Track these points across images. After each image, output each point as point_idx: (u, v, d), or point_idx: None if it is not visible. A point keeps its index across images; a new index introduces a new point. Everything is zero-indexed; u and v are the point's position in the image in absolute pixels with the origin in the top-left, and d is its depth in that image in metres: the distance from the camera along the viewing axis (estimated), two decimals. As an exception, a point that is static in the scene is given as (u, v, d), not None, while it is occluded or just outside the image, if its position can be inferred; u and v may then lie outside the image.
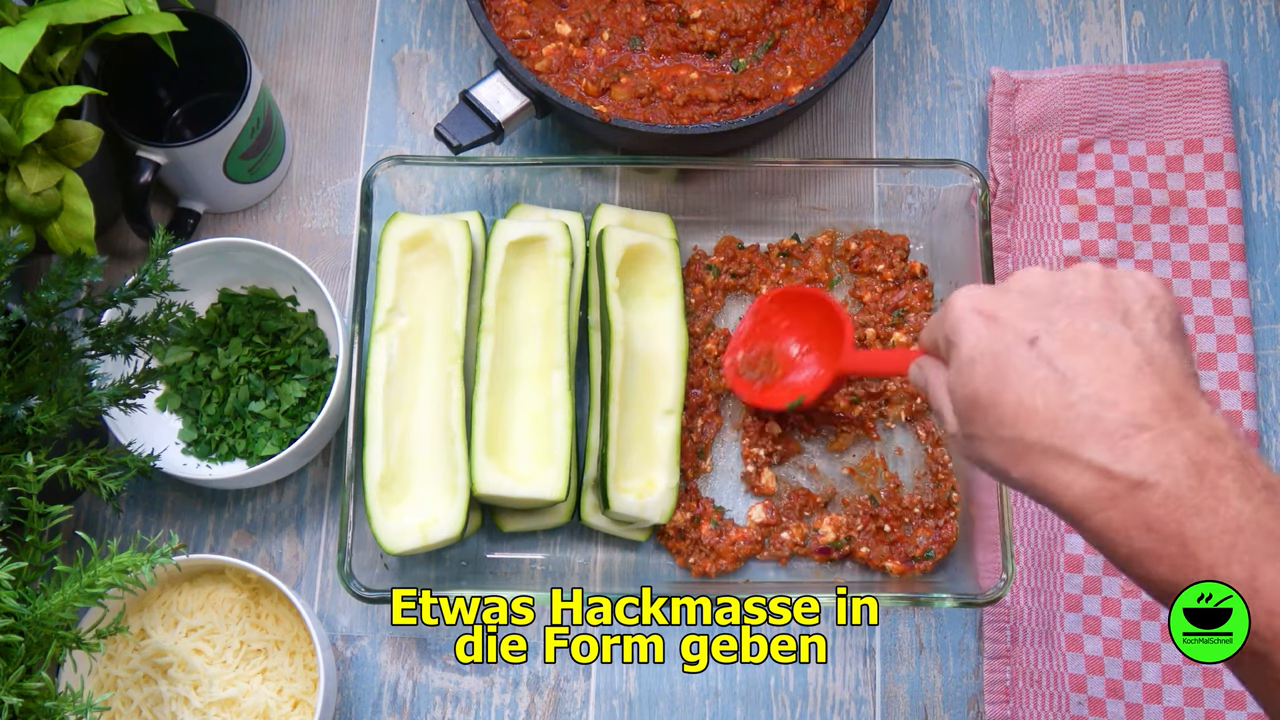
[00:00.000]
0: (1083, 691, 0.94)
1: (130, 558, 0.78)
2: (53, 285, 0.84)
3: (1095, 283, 0.63)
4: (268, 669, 0.90)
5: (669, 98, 0.99)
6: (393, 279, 0.96)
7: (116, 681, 0.90)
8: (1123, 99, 1.06)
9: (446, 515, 0.91)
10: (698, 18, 1.01)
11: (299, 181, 1.08)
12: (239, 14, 1.11)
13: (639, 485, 0.95)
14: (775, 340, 0.98)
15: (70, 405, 0.83)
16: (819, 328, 0.96)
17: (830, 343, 0.94)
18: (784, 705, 0.96)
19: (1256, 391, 1.00)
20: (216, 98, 1.01)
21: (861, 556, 0.96)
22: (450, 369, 0.94)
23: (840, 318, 0.93)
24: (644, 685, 0.96)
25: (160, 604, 0.91)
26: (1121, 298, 0.62)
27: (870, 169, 1.04)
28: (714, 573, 0.96)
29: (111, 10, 0.87)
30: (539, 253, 0.98)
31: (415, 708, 0.96)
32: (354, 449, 0.91)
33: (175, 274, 0.89)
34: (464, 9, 1.11)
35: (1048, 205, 1.04)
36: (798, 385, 0.95)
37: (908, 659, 0.97)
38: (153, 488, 1.00)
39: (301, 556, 0.99)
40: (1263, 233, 1.05)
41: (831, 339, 0.94)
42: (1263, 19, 1.10)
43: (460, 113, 0.96)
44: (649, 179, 1.02)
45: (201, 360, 0.99)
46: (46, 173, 0.87)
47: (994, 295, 0.65)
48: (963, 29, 1.11)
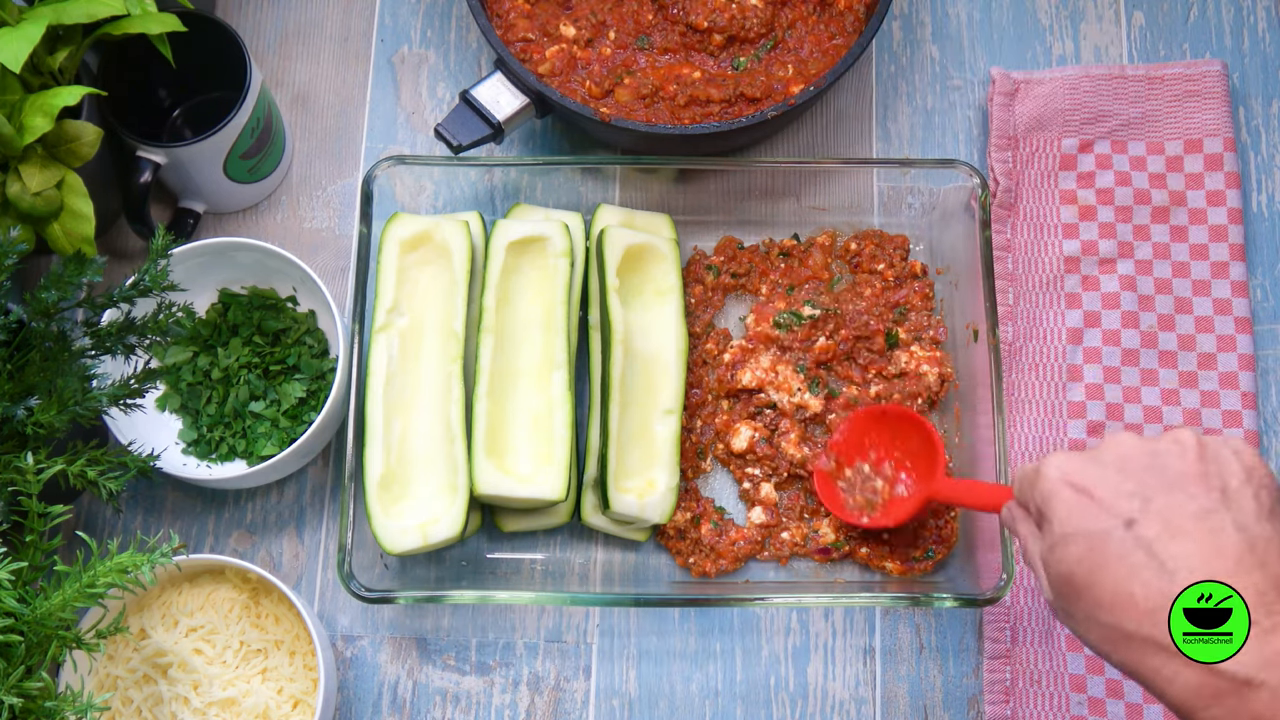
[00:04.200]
0: (1083, 691, 0.94)
1: (130, 558, 0.78)
2: (53, 285, 0.84)
3: (1191, 456, 0.61)
4: (268, 669, 0.90)
5: (671, 98, 0.99)
6: (393, 279, 0.96)
7: (116, 681, 0.90)
8: (1123, 99, 1.06)
9: (446, 515, 0.91)
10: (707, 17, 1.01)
11: (299, 181, 1.08)
12: (239, 14, 1.11)
13: (639, 485, 0.94)
14: (865, 457, 0.97)
15: (70, 405, 0.83)
16: (912, 448, 0.95)
17: (924, 464, 0.93)
18: (784, 705, 0.96)
19: (1256, 391, 1.00)
20: (216, 98, 1.01)
21: (861, 556, 0.96)
22: (450, 369, 0.94)
23: (935, 443, 0.92)
24: (644, 685, 0.96)
25: (160, 604, 0.91)
26: (1219, 472, 0.61)
27: (870, 169, 1.04)
28: (714, 573, 0.96)
29: (111, 10, 0.87)
30: (539, 253, 0.98)
31: (415, 708, 0.96)
32: (354, 449, 0.91)
33: (175, 274, 0.89)
34: (464, 9, 1.11)
35: (1048, 205, 1.04)
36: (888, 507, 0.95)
37: (908, 659, 0.97)
38: (153, 488, 1.00)
39: (301, 556, 0.99)
40: (1263, 233, 1.05)
41: (925, 460, 0.93)
42: (1263, 19, 1.10)
43: (460, 113, 0.96)
44: (649, 179, 1.02)
45: (201, 360, 0.99)
46: (46, 173, 0.87)
47: (1087, 467, 0.63)
48: (963, 29, 1.11)
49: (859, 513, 0.95)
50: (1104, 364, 1.00)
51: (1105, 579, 0.59)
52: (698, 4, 1.01)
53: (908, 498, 0.94)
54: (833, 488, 0.97)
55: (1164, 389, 1.00)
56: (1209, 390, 1.00)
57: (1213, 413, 0.99)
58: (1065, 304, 1.02)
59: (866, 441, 0.97)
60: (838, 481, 0.97)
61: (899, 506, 0.94)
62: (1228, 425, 0.99)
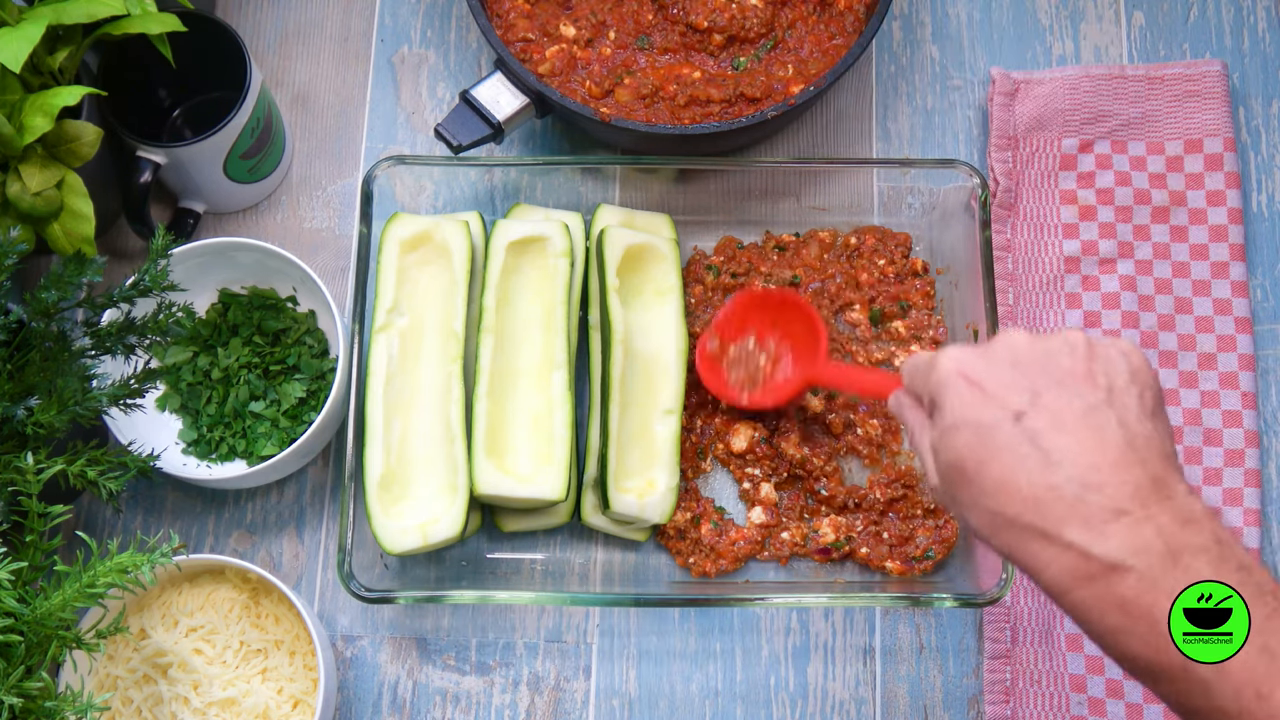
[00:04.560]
0: (1083, 691, 0.94)
1: (130, 558, 0.78)
2: (53, 285, 0.84)
3: (1080, 355, 0.64)
4: (268, 669, 0.90)
5: (671, 98, 0.99)
6: (393, 279, 0.96)
7: (116, 681, 0.90)
8: (1123, 99, 1.06)
9: (446, 515, 0.91)
10: (707, 17, 1.01)
11: (299, 181, 1.08)
12: (239, 14, 1.11)
13: (639, 485, 0.95)
14: (749, 336, 0.98)
15: (70, 405, 0.83)
16: (795, 331, 0.97)
17: (806, 348, 0.95)
18: (784, 705, 0.96)
19: (1256, 391, 1.00)
20: (216, 98, 1.01)
21: (861, 557, 0.96)
22: (450, 369, 0.94)
23: (818, 327, 0.94)
24: (644, 685, 0.96)
25: (160, 604, 0.91)
26: (1105, 371, 0.63)
27: (870, 169, 1.04)
28: (714, 573, 0.96)
29: (111, 10, 0.87)
30: (539, 253, 0.98)
31: (415, 708, 0.96)
32: (354, 449, 0.91)
33: (175, 274, 0.89)
34: (464, 9, 1.11)
35: (1048, 205, 1.04)
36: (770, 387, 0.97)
37: (908, 659, 0.97)
38: (153, 488, 1.00)
39: (301, 556, 0.99)
40: (1263, 233, 1.05)
41: (808, 345, 0.95)
42: (1263, 19, 1.10)
43: (460, 113, 0.96)
44: (649, 179, 1.02)
45: (201, 360, 0.99)
46: (46, 173, 0.87)
47: (980, 361, 0.65)
48: (963, 29, 1.11)
49: (739, 389, 0.97)
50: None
51: (992, 467, 0.62)
52: (698, 4, 1.01)
53: (789, 379, 0.96)
54: (716, 368, 0.98)
55: (1164, 389, 1.00)
56: (1209, 390, 1.00)
57: (1213, 413, 0.99)
58: (1065, 304, 1.02)
59: (750, 321, 0.98)
60: (721, 362, 0.98)
61: (780, 388, 0.96)
62: (1228, 425, 0.99)
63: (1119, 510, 0.58)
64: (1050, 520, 0.59)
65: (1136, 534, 0.58)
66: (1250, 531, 0.97)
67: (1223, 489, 0.98)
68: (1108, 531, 0.58)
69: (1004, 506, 0.61)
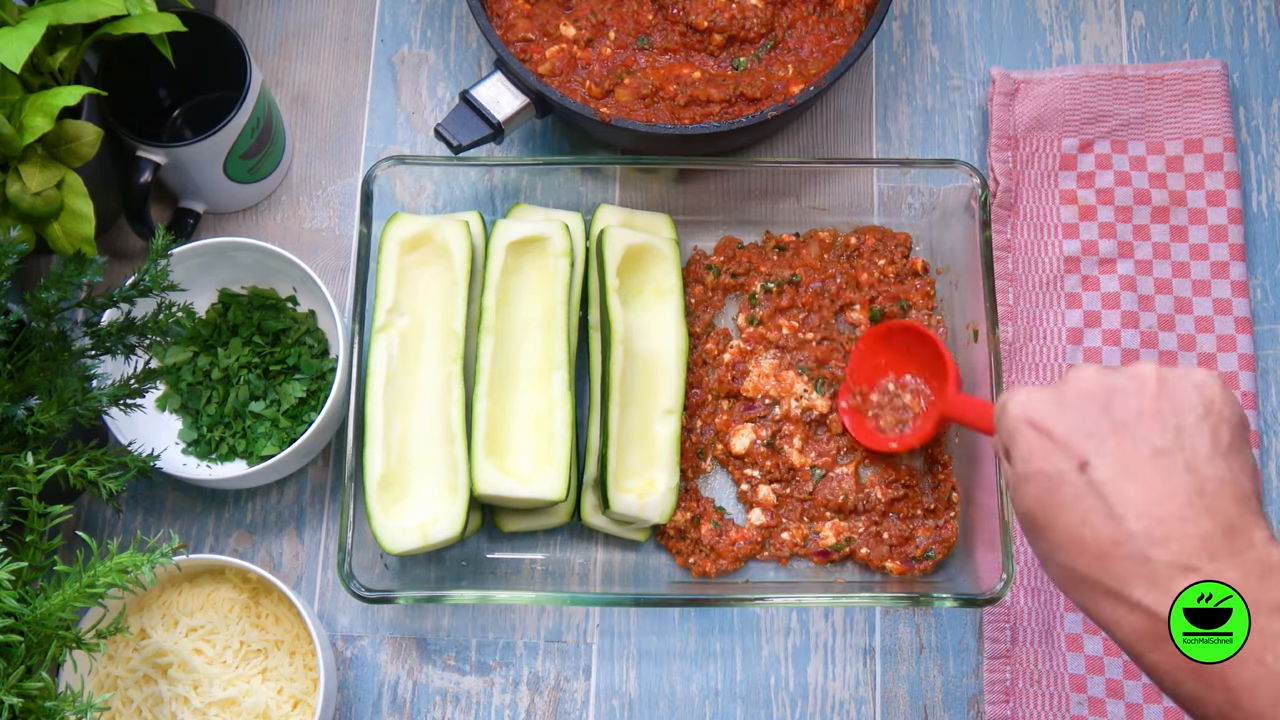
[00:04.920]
0: (1083, 691, 0.94)
1: (130, 558, 0.78)
2: (53, 285, 0.84)
3: (1149, 393, 0.61)
4: (268, 669, 0.90)
5: (671, 98, 0.99)
6: (393, 279, 0.96)
7: (116, 681, 0.90)
8: (1123, 99, 1.06)
9: (446, 515, 0.91)
10: (707, 17, 1.01)
11: (299, 181, 1.08)
12: (239, 14, 1.11)
13: (639, 485, 0.95)
14: (885, 376, 0.97)
15: (70, 405, 0.83)
16: (925, 362, 0.95)
17: (938, 378, 0.94)
18: (784, 705, 0.96)
19: (1256, 391, 1.00)
20: (216, 98, 1.01)
21: (862, 557, 0.96)
22: (450, 369, 0.94)
23: (944, 357, 0.93)
24: (644, 685, 0.96)
25: (160, 604, 0.91)
26: (1176, 408, 0.60)
27: (870, 169, 1.04)
28: (714, 573, 0.96)
29: (111, 10, 0.87)
30: (539, 253, 0.98)
31: (415, 708, 0.96)
32: (354, 449, 0.91)
33: (175, 274, 0.89)
34: (464, 9, 1.11)
35: (1048, 205, 1.04)
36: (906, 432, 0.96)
37: (908, 659, 0.97)
38: (153, 488, 1.00)
39: (301, 556, 0.99)
40: (1263, 233, 1.05)
41: (939, 375, 0.94)
42: (1263, 19, 1.10)
43: (460, 113, 0.96)
44: (649, 179, 1.02)
45: (201, 360, 0.99)
46: (46, 173, 0.87)
47: (1048, 405, 0.63)
48: (963, 29, 1.11)
49: (890, 436, 0.95)
50: (1104, 364, 1.00)
51: (1059, 521, 0.60)
52: (698, 4, 1.01)
53: (926, 416, 0.94)
54: (862, 421, 0.97)
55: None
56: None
57: (1213, 413, 0.99)
58: (1065, 304, 1.02)
59: (882, 362, 0.97)
60: (867, 413, 0.97)
61: (920, 427, 0.94)
62: (1228, 425, 0.99)
63: (1186, 566, 0.55)
64: (1117, 578, 0.57)
65: None
66: (1250, 531, 0.97)
67: (1223, 489, 0.98)
68: (1174, 590, 0.55)
69: (1074, 562, 0.59)
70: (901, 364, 0.97)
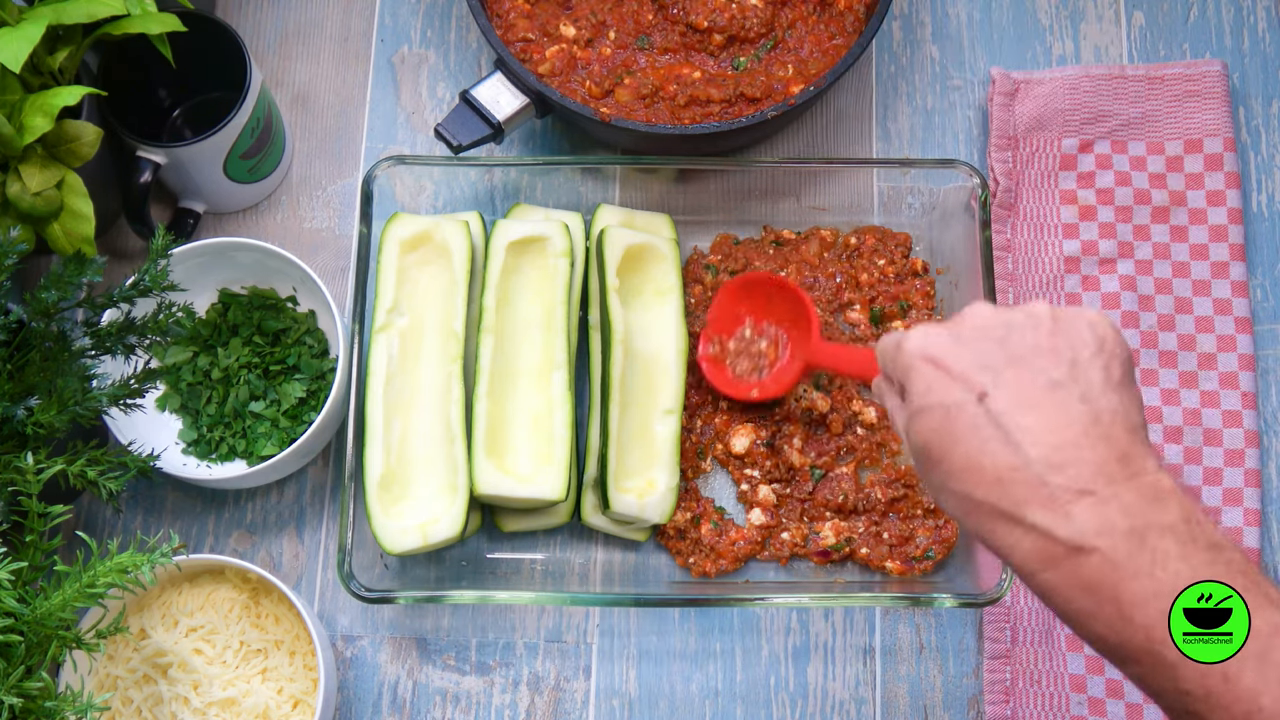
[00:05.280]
0: (1083, 691, 0.94)
1: (130, 558, 0.78)
2: (53, 285, 0.84)
3: (1044, 329, 0.63)
4: (268, 669, 0.90)
5: (671, 98, 0.99)
6: (393, 279, 0.96)
7: (116, 681, 0.90)
8: (1123, 99, 1.06)
9: (446, 515, 0.91)
10: (707, 17, 1.01)
11: (299, 181, 1.08)
12: (239, 14, 1.11)
13: (639, 485, 0.95)
14: (744, 325, 0.99)
15: (70, 405, 0.83)
16: (788, 314, 0.97)
17: (800, 330, 0.96)
18: (784, 705, 0.96)
19: (1256, 391, 1.00)
20: (216, 98, 1.01)
21: (862, 557, 0.96)
22: (450, 369, 0.94)
23: (807, 307, 0.95)
24: (644, 685, 0.96)
25: (160, 604, 0.91)
26: (1070, 343, 0.62)
27: (870, 169, 1.04)
28: (714, 573, 0.96)
29: (111, 10, 0.87)
30: (539, 253, 0.98)
31: (415, 708, 0.96)
32: (354, 449, 0.91)
33: (175, 274, 0.89)
34: (464, 9, 1.11)
35: (1048, 205, 1.04)
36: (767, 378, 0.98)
37: (908, 659, 0.97)
38: (153, 488, 1.00)
39: (301, 556, 0.99)
40: (1263, 233, 1.05)
41: (801, 327, 0.96)
42: (1263, 19, 1.10)
43: (460, 113, 0.96)
44: (649, 179, 1.02)
45: (201, 360, 0.99)
46: (46, 173, 0.87)
47: (945, 340, 0.64)
48: (963, 29, 1.11)
49: (748, 384, 0.97)
50: None
51: (957, 450, 0.61)
52: (698, 4, 1.01)
53: (788, 365, 0.96)
54: (721, 369, 0.98)
55: (1164, 389, 1.00)
56: (1209, 390, 1.00)
57: (1213, 413, 0.99)
58: (1065, 304, 1.02)
59: (742, 311, 0.99)
60: (724, 360, 0.99)
61: (782, 375, 0.96)
62: (1228, 425, 0.99)
63: (1082, 490, 0.57)
64: (1013, 502, 0.58)
65: (1100, 514, 0.57)
66: (1250, 531, 0.97)
67: (1223, 489, 0.98)
68: (1071, 512, 0.57)
69: (971, 489, 0.60)
70: (762, 314, 0.98)
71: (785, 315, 0.97)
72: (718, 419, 0.99)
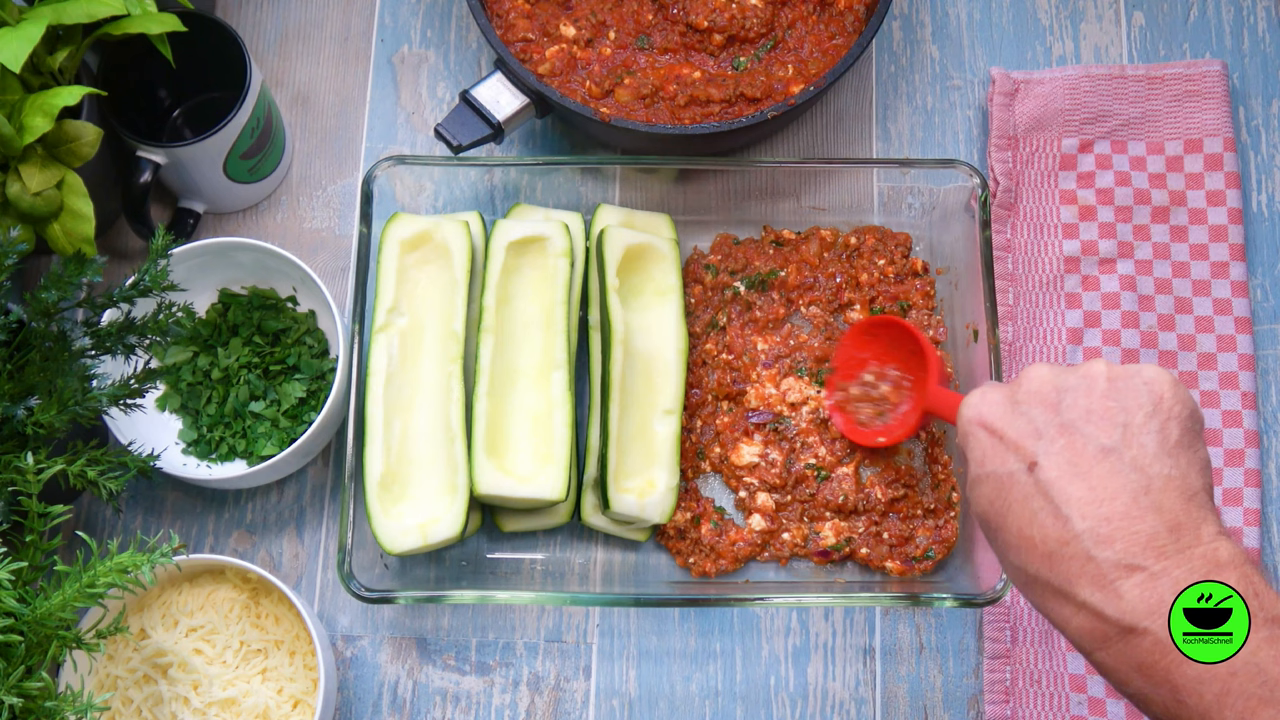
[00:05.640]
0: (1083, 691, 0.94)
1: (130, 558, 0.78)
2: (53, 285, 0.84)
3: (1098, 391, 0.61)
4: (268, 669, 0.90)
5: (671, 98, 0.99)
6: (393, 279, 0.96)
7: (116, 681, 0.90)
8: (1123, 99, 1.06)
9: (446, 515, 0.91)
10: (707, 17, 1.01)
11: (299, 181, 1.08)
12: (239, 14, 1.11)
13: (639, 485, 0.95)
14: (864, 370, 0.98)
15: (70, 405, 0.83)
16: (908, 357, 0.95)
17: (919, 373, 0.94)
18: (784, 705, 0.96)
19: (1256, 391, 1.00)
20: (216, 98, 1.01)
21: (862, 557, 0.96)
22: (450, 369, 0.94)
23: (926, 350, 0.92)
24: (644, 685, 0.96)
25: (160, 604, 0.91)
26: (1123, 405, 0.60)
27: (870, 169, 1.04)
28: (714, 573, 0.96)
29: (111, 10, 0.87)
30: (539, 253, 0.98)
31: (415, 708, 0.96)
32: (354, 449, 0.91)
33: (175, 274, 0.89)
34: (464, 9, 1.11)
35: (1048, 205, 1.04)
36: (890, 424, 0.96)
37: (908, 659, 0.97)
38: (153, 488, 1.00)
39: (301, 556, 0.99)
40: (1263, 233, 1.05)
41: (920, 370, 0.94)
42: (1263, 19, 1.10)
43: (460, 113, 0.96)
44: (649, 179, 1.02)
45: (201, 360, 0.99)
46: (46, 173, 0.87)
47: (1000, 406, 0.62)
48: (963, 29, 1.11)
49: (874, 430, 0.96)
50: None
51: (1010, 522, 0.60)
52: (698, 4, 1.01)
53: (911, 411, 0.94)
54: (849, 418, 0.97)
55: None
56: (1209, 390, 1.00)
57: (1213, 413, 0.99)
58: (1065, 304, 1.02)
59: (866, 356, 0.98)
60: (848, 406, 0.97)
61: (905, 420, 0.95)
62: (1228, 425, 0.99)
63: (1131, 565, 0.55)
64: (1064, 578, 0.57)
65: (1150, 592, 0.55)
66: (1250, 531, 0.97)
67: (1223, 489, 0.98)
68: (1120, 590, 0.55)
69: (1025, 562, 0.59)
70: (885, 357, 0.97)
71: (906, 358, 0.96)
72: (718, 420, 0.99)
